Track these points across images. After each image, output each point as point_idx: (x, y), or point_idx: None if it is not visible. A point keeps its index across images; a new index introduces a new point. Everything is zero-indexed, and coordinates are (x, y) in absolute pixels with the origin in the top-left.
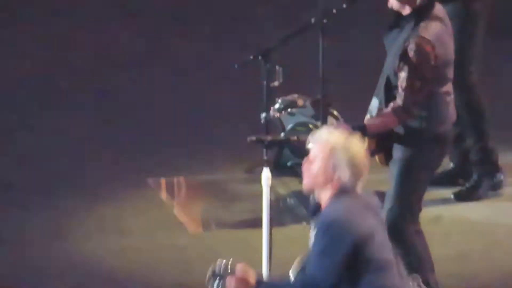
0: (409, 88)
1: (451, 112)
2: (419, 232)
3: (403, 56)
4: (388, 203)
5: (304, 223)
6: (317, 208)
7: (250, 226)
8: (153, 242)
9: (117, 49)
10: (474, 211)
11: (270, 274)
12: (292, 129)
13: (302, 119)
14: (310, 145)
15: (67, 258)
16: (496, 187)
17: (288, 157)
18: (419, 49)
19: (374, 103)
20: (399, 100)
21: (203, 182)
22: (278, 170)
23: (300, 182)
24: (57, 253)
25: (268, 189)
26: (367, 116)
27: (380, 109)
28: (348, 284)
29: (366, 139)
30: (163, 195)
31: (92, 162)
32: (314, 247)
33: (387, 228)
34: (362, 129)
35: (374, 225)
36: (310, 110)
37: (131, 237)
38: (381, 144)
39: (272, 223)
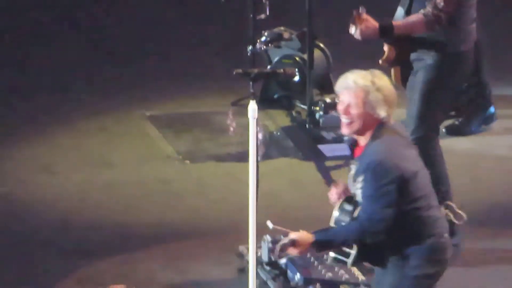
0: None
1: (474, 34)
2: (441, 152)
3: None
4: (412, 124)
5: (290, 156)
6: (355, 149)
7: (236, 159)
8: (139, 175)
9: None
10: (463, 144)
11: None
12: (279, 61)
13: (289, 51)
14: (340, 93)
15: (54, 191)
16: (488, 121)
17: (274, 90)
18: None
19: (400, 12)
20: (429, 7)
21: (189, 115)
22: (265, 102)
23: (287, 114)
24: (44, 186)
25: (255, 121)
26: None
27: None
28: (395, 219)
29: (387, 49)
30: (150, 128)
31: (79, 97)
32: (365, 190)
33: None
34: (389, 29)
35: (416, 159)
36: (296, 43)
37: (118, 170)
38: (400, 56)
39: (259, 155)
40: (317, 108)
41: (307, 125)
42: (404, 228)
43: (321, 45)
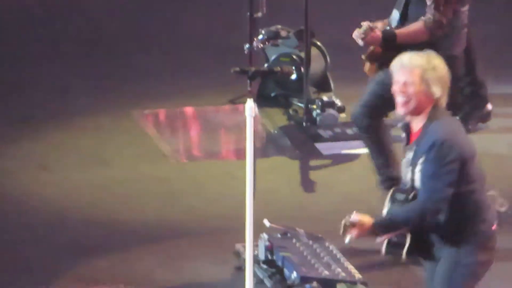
0: (437, 1)
1: (464, 39)
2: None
3: None
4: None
5: (287, 154)
6: (409, 136)
7: (233, 157)
8: (136, 173)
9: None
10: None
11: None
12: (276, 59)
13: (286, 50)
14: (396, 72)
15: (50, 189)
16: (484, 118)
17: (271, 88)
18: None
19: (395, 15)
20: (429, 14)
21: (187, 113)
22: (262, 101)
23: (284, 112)
24: (40, 184)
25: (252, 119)
26: (387, 28)
27: (400, 21)
28: (451, 199)
29: (367, 62)
30: (147, 126)
31: (76, 94)
32: (427, 169)
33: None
34: (392, 38)
35: (472, 142)
36: (293, 41)
37: (115, 169)
38: (384, 55)
39: (256, 153)
40: (314, 106)
41: (304, 123)
42: (459, 211)
43: (318, 43)
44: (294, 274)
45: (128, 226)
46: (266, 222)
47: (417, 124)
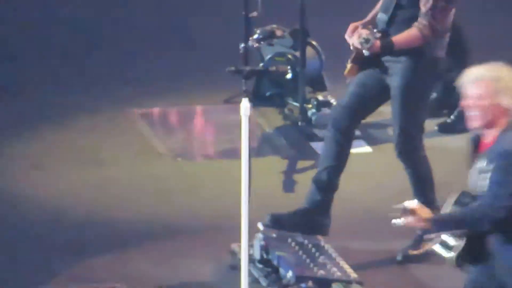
0: (433, 7)
1: (446, 42)
2: (426, 155)
3: None
4: (398, 127)
5: (283, 154)
6: (479, 143)
7: (229, 156)
8: (131, 172)
9: None
10: (455, 142)
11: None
12: (271, 59)
13: (281, 49)
14: (467, 86)
15: (45, 188)
16: None
17: (267, 88)
18: None
19: (383, 17)
20: (424, 19)
21: (181, 113)
22: (257, 100)
23: (279, 111)
24: (35, 184)
25: (247, 119)
26: (375, 30)
27: (388, 25)
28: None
29: (349, 64)
30: (142, 126)
31: (71, 94)
32: (494, 176)
33: (399, 151)
34: (390, 46)
35: None
36: (289, 41)
37: (110, 168)
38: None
39: (251, 153)
40: (310, 106)
41: (299, 123)
42: None
43: (314, 43)
44: (290, 274)
45: (124, 225)
46: (261, 226)
47: (489, 135)
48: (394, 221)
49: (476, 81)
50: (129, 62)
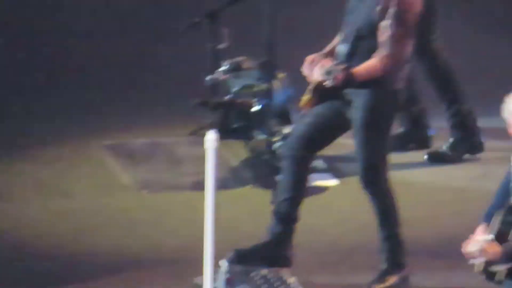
0: (392, 36)
1: (406, 72)
2: (390, 187)
3: (386, 4)
4: (362, 160)
5: (248, 185)
6: None
7: (194, 188)
8: (96, 204)
9: (63, 14)
10: (421, 177)
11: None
12: (238, 91)
13: (248, 81)
14: (509, 115)
15: (8, 219)
16: (474, 150)
17: (233, 120)
18: None
19: (343, 49)
20: (383, 49)
21: (147, 145)
22: (224, 132)
23: (245, 144)
24: None
25: (213, 151)
26: (335, 61)
27: (349, 56)
28: None
29: (309, 95)
30: (107, 157)
31: (35, 124)
32: None
33: (364, 184)
34: (351, 77)
35: None
36: (256, 73)
37: (75, 199)
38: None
39: (216, 185)
40: (276, 139)
41: (265, 155)
42: None
43: (281, 75)
44: None
45: (87, 257)
46: (224, 264)
47: None
48: (473, 261)
49: None
50: (95, 92)
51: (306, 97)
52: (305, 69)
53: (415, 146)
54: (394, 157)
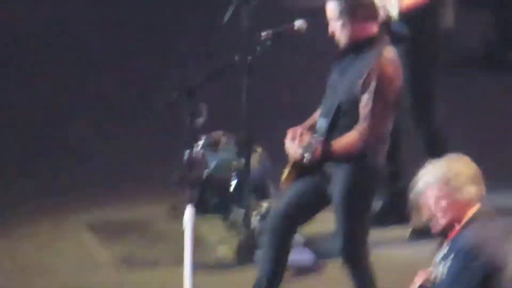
0: (373, 110)
1: (386, 147)
2: (370, 262)
3: (367, 79)
4: (342, 235)
5: (226, 263)
6: (448, 233)
7: (172, 265)
8: (75, 281)
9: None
10: (402, 252)
11: None
12: (216, 167)
13: (226, 156)
14: (422, 195)
15: None
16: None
17: (211, 195)
18: (383, 71)
19: (323, 123)
20: (364, 122)
21: (125, 221)
22: (201, 208)
23: (223, 219)
24: None
25: (191, 227)
26: (315, 135)
27: (329, 130)
28: None
29: (288, 170)
30: (86, 234)
31: (11, 199)
32: (451, 268)
33: (344, 259)
34: (330, 151)
35: (507, 253)
36: (234, 148)
37: (53, 276)
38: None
39: (194, 261)
40: (254, 213)
41: (243, 231)
42: None
43: (259, 149)
44: None
45: None
46: None
47: (455, 228)
48: None
49: (428, 187)
50: (73, 167)
51: (285, 173)
52: (286, 143)
53: (396, 221)
54: (375, 233)
